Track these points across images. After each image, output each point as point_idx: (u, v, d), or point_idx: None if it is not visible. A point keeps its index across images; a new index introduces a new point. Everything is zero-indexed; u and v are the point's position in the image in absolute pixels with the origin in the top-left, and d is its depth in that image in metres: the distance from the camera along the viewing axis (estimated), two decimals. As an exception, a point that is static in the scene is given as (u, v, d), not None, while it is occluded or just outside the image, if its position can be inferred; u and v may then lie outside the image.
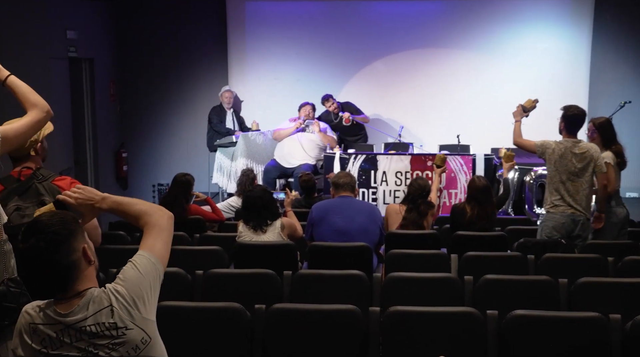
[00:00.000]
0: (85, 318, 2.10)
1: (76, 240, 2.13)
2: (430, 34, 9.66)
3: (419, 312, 3.18)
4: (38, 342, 2.12)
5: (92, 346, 2.11)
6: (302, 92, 9.50)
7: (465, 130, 8.80)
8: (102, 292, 2.14)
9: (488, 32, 9.58)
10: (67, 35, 8.10)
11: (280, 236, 4.83)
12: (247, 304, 3.23)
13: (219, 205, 6.72)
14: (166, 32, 9.93)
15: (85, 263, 2.16)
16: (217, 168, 8.94)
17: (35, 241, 2.06)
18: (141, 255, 2.23)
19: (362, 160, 7.88)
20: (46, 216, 2.15)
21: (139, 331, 2.13)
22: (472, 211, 5.17)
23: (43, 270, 2.10)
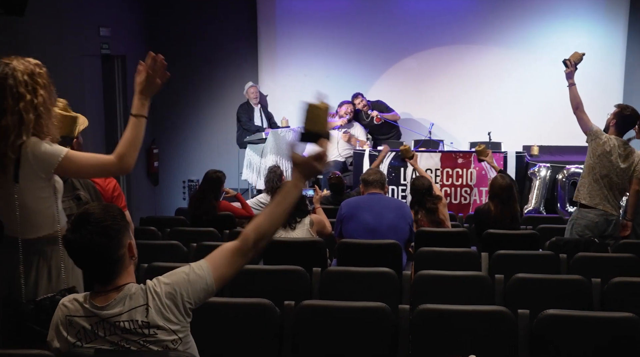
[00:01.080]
0: (121, 313, 2.13)
1: (125, 235, 2.16)
2: (461, 30, 9.58)
3: (450, 311, 3.16)
4: (73, 334, 2.16)
5: (124, 341, 2.14)
6: (332, 89, 9.46)
7: (497, 128, 8.71)
8: (140, 289, 2.16)
9: (520, 28, 9.46)
10: (100, 33, 8.19)
11: (310, 233, 4.83)
12: (276, 300, 3.23)
13: (249, 201, 6.75)
14: (197, 29, 9.99)
15: (129, 258, 2.19)
16: (246, 164, 8.97)
17: (87, 233, 2.09)
18: (202, 268, 2.21)
19: (392, 157, 7.85)
20: (98, 208, 2.16)
21: (170, 333, 2.15)
22: (496, 210, 5.12)
23: (90, 261, 2.13)
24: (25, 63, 2.70)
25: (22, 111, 2.61)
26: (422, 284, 3.84)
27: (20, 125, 2.61)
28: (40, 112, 2.66)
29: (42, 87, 2.70)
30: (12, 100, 2.61)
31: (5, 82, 2.62)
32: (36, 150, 2.64)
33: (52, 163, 2.66)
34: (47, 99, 2.71)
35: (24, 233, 2.70)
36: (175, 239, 4.94)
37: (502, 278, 3.92)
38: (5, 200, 2.68)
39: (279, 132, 8.96)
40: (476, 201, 7.64)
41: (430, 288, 3.82)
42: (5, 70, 2.63)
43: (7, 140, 2.59)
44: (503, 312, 3.12)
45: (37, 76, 2.70)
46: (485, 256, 4.61)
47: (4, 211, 2.73)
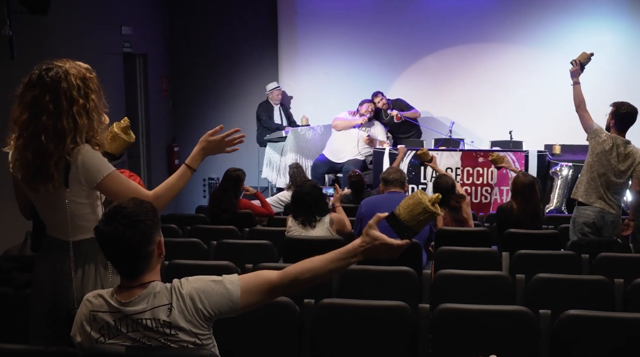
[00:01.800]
0: (144, 311, 2.14)
1: (155, 232, 2.18)
2: (482, 28, 9.51)
3: (470, 310, 3.14)
4: (96, 330, 2.17)
5: (145, 338, 2.15)
6: (352, 87, 9.48)
7: (518, 126, 8.64)
8: (164, 288, 2.17)
9: (542, 26, 9.37)
10: (122, 32, 8.26)
11: (329, 231, 4.83)
12: (295, 298, 3.23)
13: (269, 199, 6.77)
14: (217, 27, 10.03)
15: (157, 256, 2.20)
16: (266, 163, 9.00)
17: (120, 226, 2.10)
18: (233, 284, 2.20)
19: (412, 156, 7.82)
20: (132, 203, 2.18)
21: (191, 335, 2.15)
22: (519, 208, 5.09)
23: (119, 255, 2.15)
24: (78, 67, 2.70)
25: (75, 115, 2.61)
26: (443, 283, 3.82)
27: (75, 129, 2.61)
28: (92, 117, 2.66)
29: (94, 92, 2.70)
30: (67, 103, 2.61)
31: (59, 86, 2.61)
32: (86, 160, 2.64)
33: (96, 177, 2.66)
34: (98, 103, 2.71)
35: (73, 235, 2.71)
36: (195, 237, 4.96)
37: (523, 278, 3.90)
38: (53, 203, 2.70)
39: (298, 130, 8.97)
40: (497, 200, 7.59)
41: (451, 287, 3.80)
42: (59, 74, 2.63)
43: (64, 143, 2.59)
44: (524, 312, 3.10)
45: (89, 81, 2.70)
46: (506, 255, 4.58)
47: (50, 214, 2.75)
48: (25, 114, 2.62)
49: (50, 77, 2.62)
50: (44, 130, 2.58)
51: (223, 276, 2.21)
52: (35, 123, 2.60)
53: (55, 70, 2.64)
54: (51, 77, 2.62)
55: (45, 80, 2.61)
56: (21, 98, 2.65)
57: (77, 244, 2.71)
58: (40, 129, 2.59)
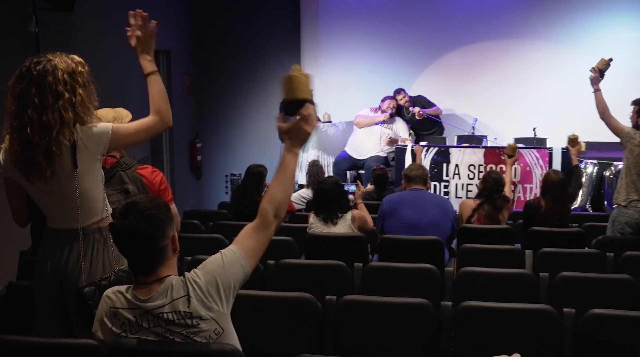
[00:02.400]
0: (163, 305, 2.16)
1: (169, 227, 2.20)
2: (506, 24, 9.42)
3: (493, 308, 3.12)
4: (118, 325, 2.19)
5: (168, 332, 2.16)
6: (374, 84, 9.45)
7: (542, 123, 8.55)
8: (180, 280, 2.19)
9: (567, 22, 9.25)
10: (145, 28, 8.30)
11: (351, 228, 4.83)
12: (317, 294, 3.24)
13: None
14: (240, 24, 10.05)
15: (171, 250, 2.22)
16: (288, 159, 8.98)
17: (134, 220, 2.13)
18: (232, 251, 2.28)
19: (435, 153, 7.79)
20: (145, 199, 2.22)
21: (212, 322, 2.17)
22: (547, 205, 5.04)
23: (134, 249, 2.17)
24: (68, 61, 2.74)
25: (61, 109, 2.65)
26: (465, 280, 3.80)
27: (62, 123, 2.65)
28: (79, 111, 2.70)
29: (81, 86, 2.73)
30: (52, 97, 2.65)
31: (45, 80, 2.66)
32: (88, 133, 2.70)
33: (104, 141, 2.73)
34: (85, 98, 2.74)
35: (80, 221, 2.75)
36: (217, 233, 4.98)
37: (546, 276, 3.86)
38: (58, 191, 2.73)
39: (321, 127, 8.96)
40: (520, 197, 7.52)
41: (473, 285, 3.78)
42: (46, 67, 2.67)
43: (49, 136, 2.63)
44: (548, 310, 3.07)
45: (78, 75, 2.73)
46: (529, 253, 4.54)
47: (55, 203, 2.78)
48: (14, 106, 2.68)
49: (38, 70, 2.67)
50: (29, 123, 2.64)
51: (220, 251, 2.28)
52: (22, 115, 2.65)
53: (43, 64, 2.68)
54: (38, 71, 2.66)
55: (33, 73, 2.67)
56: (11, 90, 2.71)
57: (85, 230, 2.76)
58: (26, 122, 2.64)
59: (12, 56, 5.56)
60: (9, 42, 5.56)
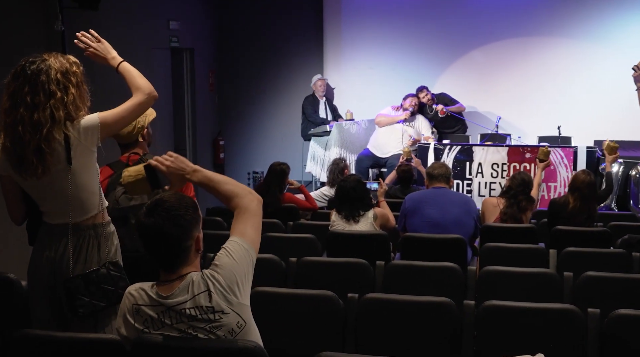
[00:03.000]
0: (185, 301, 2.17)
1: (194, 228, 2.21)
2: (531, 21, 9.32)
3: (516, 308, 3.09)
4: (141, 322, 2.21)
5: (191, 328, 2.18)
6: (397, 82, 9.42)
7: (567, 122, 8.45)
8: (200, 276, 2.21)
9: (592, 19, 9.13)
10: (169, 26, 8.36)
11: (373, 226, 4.81)
12: (339, 292, 3.23)
13: (313, 194, 6.77)
14: (263, 22, 10.08)
15: (195, 251, 2.23)
16: (310, 157, 9.01)
17: (159, 218, 2.15)
18: (234, 241, 2.27)
19: (457, 151, 7.74)
20: (173, 198, 2.22)
21: (234, 315, 2.18)
22: (574, 204, 4.98)
23: (158, 247, 2.18)
24: (62, 60, 2.79)
25: (52, 108, 2.70)
26: (488, 280, 3.77)
27: (53, 122, 2.70)
28: (70, 109, 2.75)
29: (74, 86, 2.78)
30: (44, 96, 2.70)
31: (38, 79, 2.71)
32: (78, 128, 2.76)
33: (95, 130, 2.78)
34: (77, 97, 2.79)
35: (72, 217, 2.81)
36: (240, 230, 4.99)
37: (571, 276, 3.82)
38: (51, 187, 2.78)
39: (343, 124, 8.95)
40: (544, 196, 7.45)
41: (496, 284, 3.74)
42: (40, 67, 2.73)
43: (40, 133, 2.69)
44: (572, 310, 3.03)
45: (71, 74, 2.78)
46: (553, 252, 4.50)
47: (49, 198, 2.83)
48: (8, 104, 2.74)
49: (32, 70, 2.72)
50: (20, 121, 2.69)
51: (227, 246, 2.27)
52: (15, 113, 2.70)
53: (37, 64, 2.74)
54: (32, 70, 2.72)
55: (27, 72, 2.72)
56: (6, 88, 2.77)
57: (78, 225, 2.82)
58: (18, 120, 2.70)
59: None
60: (35, 41, 5.62)
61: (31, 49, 5.52)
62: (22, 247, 5.26)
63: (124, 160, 3.46)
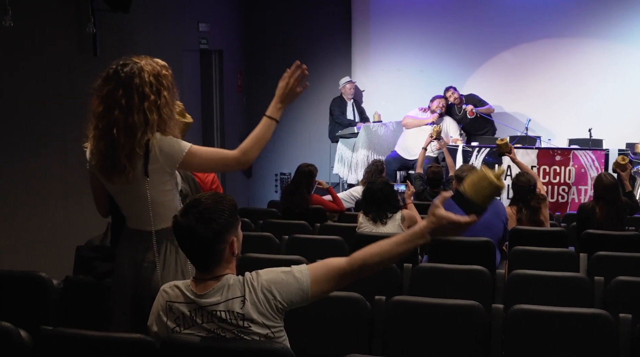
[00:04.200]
0: (218, 303, 2.18)
1: (228, 232, 2.20)
2: (561, 22, 9.21)
3: (545, 312, 3.06)
4: (172, 320, 2.23)
5: (220, 329, 2.19)
6: (425, 84, 9.37)
7: (598, 124, 8.35)
8: (237, 280, 2.21)
9: (625, 19, 8.99)
10: (199, 28, 8.42)
11: (401, 228, 4.80)
12: (366, 294, 3.23)
13: (341, 194, 6.78)
14: (291, 23, 10.10)
15: (229, 253, 2.23)
16: (338, 159, 9.01)
17: (193, 219, 2.15)
18: (301, 271, 2.22)
19: (486, 153, 7.68)
20: (211, 199, 2.21)
21: (263, 327, 2.18)
22: (602, 211, 4.91)
23: (191, 247, 2.20)
24: (153, 64, 2.78)
25: (146, 110, 2.68)
26: (517, 283, 3.74)
27: (146, 124, 2.68)
28: (163, 113, 2.73)
29: (166, 89, 2.77)
30: (138, 99, 2.69)
31: (132, 81, 2.69)
32: (163, 146, 2.72)
33: (177, 158, 2.73)
34: (169, 100, 2.78)
35: (155, 225, 2.79)
36: (267, 231, 5.02)
37: (602, 280, 3.76)
38: (133, 194, 2.78)
39: (370, 126, 8.94)
40: (574, 199, 7.37)
41: (525, 288, 3.71)
42: (133, 69, 2.71)
43: (134, 137, 2.67)
44: (603, 315, 3.00)
45: (162, 78, 2.77)
46: (583, 256, 4.44)
47: (131, 205, 2.84)
48: (101, 107, 2.72)
49: (125, 72, 2.71)
50: (115, 124, 2.68)
51: (292, 267, 2.23)
52: (109, 116, 2.69)
53: (130, 66, 2.72)
54: (125, 73, 2.70)
55: (120, 75, 2.71)
56: (98, 91, 2.75)
57: (158, 233, 2.79)
58: (113, 123, 2.68)
59: (71, 56, 5.71)
60: (68, 43, 5.70)
61: (64, 51, 5.62)
62: (56, 246, 5.32)
63: None
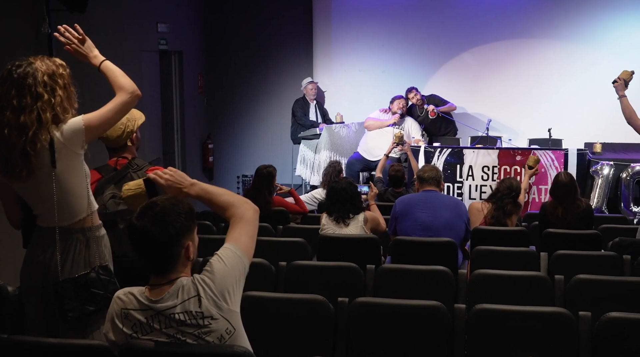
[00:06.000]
0: (175, 306, 2.16)
1: (184, 236, 2.20)
2: (521, 24, 9.38)
3: (507, 311, 3.10)
4: (129, 327, 2.20)
5: (180, 333, 2.17)
6: (387, 84, 9.44)
7: (557, 124, 8.49)
8: (190, 281, 2.20)
9: (583, 21, 9.19)
10: (158, 29, 8.34)
11: (363, 230, 4.81)
12: (329, 296, 3.23)
13: (303, 197, 6.77)
14: (253, 24, 10.08)
15: (185, 258, 2.22)
16: (300, 160, 9.01)
17: (148, 223, 2.15)
18: (227, 248, 2.28)
19: (448, 153, 7.75)
20: (167, 202, 2.21)
21: (224, 321, 2.18)
22: (561, 210, 5.00)
23: (146, 250, 2.18)
24: (49, 63, 2.81)
25: (39, 110, 2.71)
26: (479, 283, 3.78)
27: (39, 124, 2.71)
28: (57, 112, 2.76)
29: (61, 88, 2.80)
30: (31, 99, 2.72)
31: (25, 81, 2.73)
32: (63, 130, 2.76)
33: (80, 133, 2.78)
34: (64, 99, 2.80)
35: (60, 220, 2.81)
36: (229, 234, 4.98)
37: (562, 279, 3.83)
38: (38, 190, 2.79)
39: (333, 128, 8.96)
40: (535, 199, 7.48)
41: (487, 288, 3.76)
42: (26, 70, 2.74)
43: (25, 136, 2.70)
44: (564, 313, 3.05)
45: (58, 77, 2.80)
46: (544, 255, 4.51)
47: (37, 201, 2.84)
48: None
49: (18, 73, 2.74)
50: (7, 125, 2.71)
51: (220, 252, 2.27)
52: (1, 117, 2.72)
53: (24, 67, 2.76)
54: (19, 74, 2.74)
55: (14, 76, 2.74)
56: None
57: (65, 229, 2.82)
58: (5, 123, 2.71)
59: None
60: (23, 43, 5.59)
61: (18, 52, 5.50)
62: (12, 251, 5.21)
63: (112, 164, 3.46)
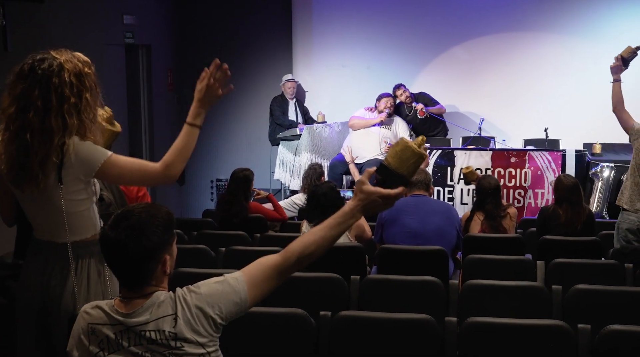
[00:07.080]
0: (147, 322, 2.14)
1: (161, 250, 2.16)
2: (516, 16, 9.44)
3: (502, 324, 3.12)
4: (96, 344, 2.17)
5: (148, 352, 2.15)
6: (372, 81, 9.45)
7: (554, 123, 8.58)
8: (169, 297, 2.17)
9: (582, 14, 9.28)
10: (124, 21, 8.30)
11: (347, 238, 4.82)
12: (311, 310, 3.23)
13: (282, 202, 6.77)
14: (227, 17, 10.06)
15: (161, 272, 2.19)
16: (279, 163, 8.99)
17: (122, 235, 2.10)
18: (235, 279, 2.22)
19: (438, 155, 7.79)
20: (145, 212, 2.15)
21: (198, 346, 2.15)
22: (565, 214, 5.04)
23: (118, 263, 2.16)
24: (75, 61, 2.69)
25: (65, 114, 2.61)
26: (471, 294, 3.81)
27: (64, 129, 2.61)
28: (84, 117, 2.66)
29: (88, 90, 2.70)
30: (57, 101, 2.61)
31: (50, 81, 2.61)
32: (80, 152, 2.65)
33: (94, 166, 2.67)
34: (92, 102, 2.71)
35: (68, 237, 2.72)
36: (202, 243, 4.97)
37: (559, 289, 3.87)
38: (45, 203, 2.70)
39: (314, 128, 8.95)
40: (531, 203, 7.54)
41: (480, 299, 3.78)
42: (52, 67, 2.62)
43: (51, 142, 2.60)
44: (561, 326, 3.08)
45: (85, 77, 2.70)
46: (541, 264, 4.55)
47: (42, 215, 2.76)
48: (13, 107, 2.63)
49: (42, 69, 2.62)
50: (29, 127, 2.60)
51: (225, 275, 2.23)
52: (22, 118, 2.61)
53: (48, 63, 2.63)
54: (43, 70, 2.62)
55: (37, 73, 2.62)
56: (10, 89, 2.66)
57: (71, 245, 2.73)
58: (27, 126, 2.60)
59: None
60: (-26, 36, 5.55)
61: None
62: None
63: None
